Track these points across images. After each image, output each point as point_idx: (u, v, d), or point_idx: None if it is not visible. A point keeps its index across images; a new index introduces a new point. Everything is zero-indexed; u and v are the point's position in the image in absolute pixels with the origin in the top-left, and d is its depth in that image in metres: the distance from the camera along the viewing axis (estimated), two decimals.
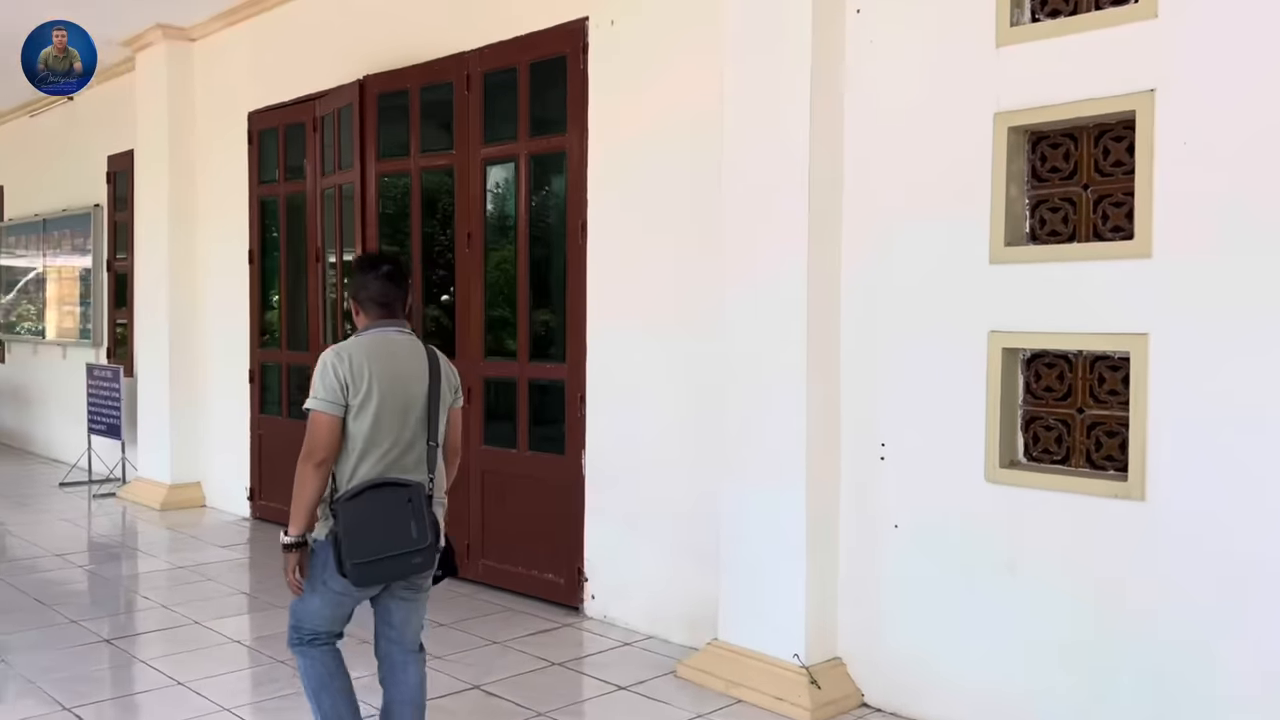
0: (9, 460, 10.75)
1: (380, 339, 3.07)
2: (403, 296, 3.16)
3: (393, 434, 2.98)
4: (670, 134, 4.86)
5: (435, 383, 3.07)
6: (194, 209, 8.26)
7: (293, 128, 7.30)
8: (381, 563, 2.88)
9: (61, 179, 10.63)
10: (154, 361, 8.38)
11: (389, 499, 2.90)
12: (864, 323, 4.11)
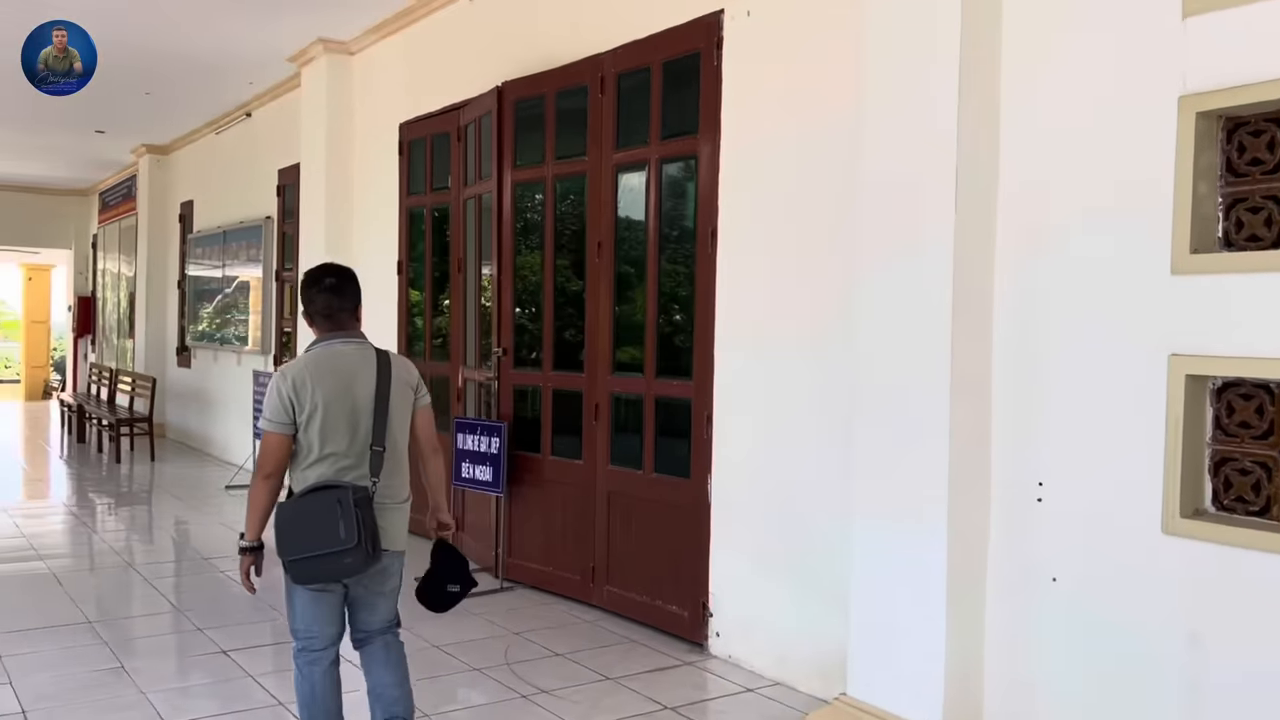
0: (190, 461, 11.31)
1: (326, 353, 3.19)
2: (350, 307, 3.26)
3: (342, 442, 3.10)
4: (807, 134, 4.45)
5: (384, 388, 3.15)
6: (350, 220, 8.39)
7: (439, 137, 7.27)
8: (311, 560, 3.02)
9: (239, 192, 11.13)
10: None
11: (320, 501, 3.02)
12: (1019, 344, 3.57)
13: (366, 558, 3.03)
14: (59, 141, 13.33)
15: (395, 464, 3.22)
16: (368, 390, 3.16)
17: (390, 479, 3.19)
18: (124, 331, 15.57)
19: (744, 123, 4.75)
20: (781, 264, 4.57)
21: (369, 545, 3.01)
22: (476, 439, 6.08)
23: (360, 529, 2.99)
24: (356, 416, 3.13)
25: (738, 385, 4.77)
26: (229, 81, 9.83)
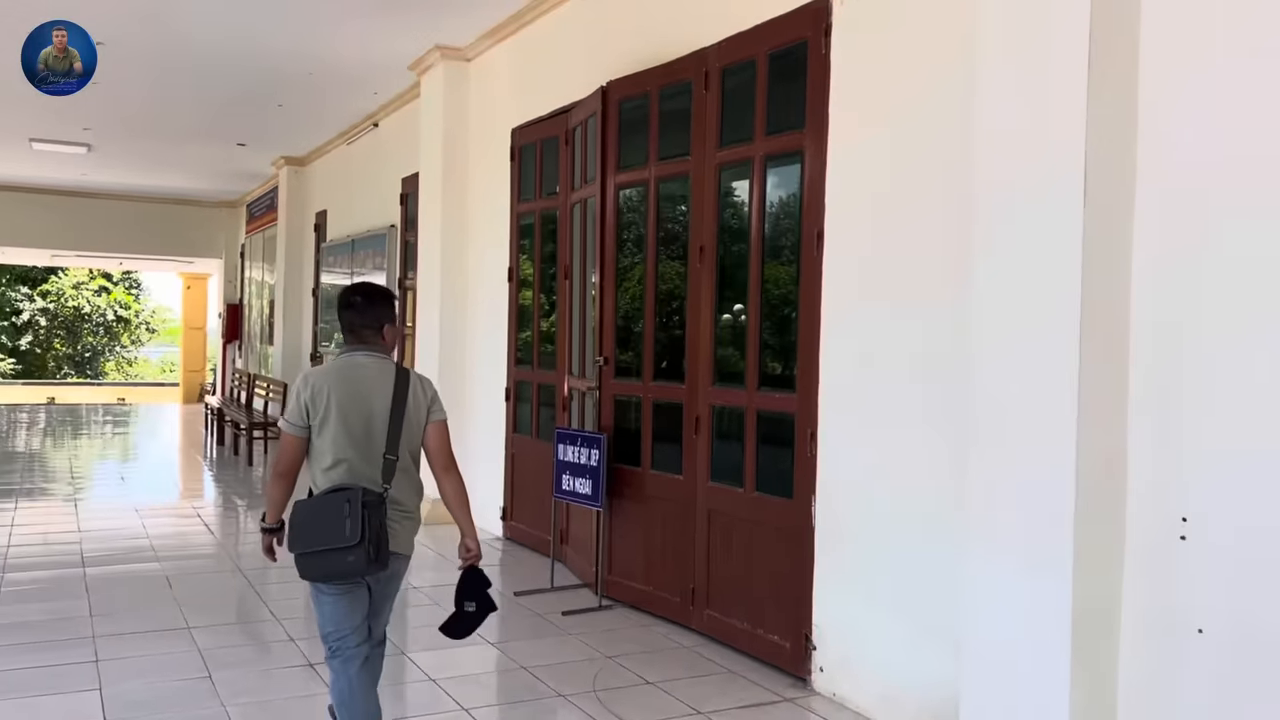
0: None
1: (347, 363, 3.35)
2: (372, 324, 3.38)
3: (354, 448, 3.26)
4: (922, 127, 4.05)
5: (400, 401, 3.29)
6: (465, 228, 8.35)
7: (548, 142, 7.13)
8: (315, 556, 3.16)
9: (367, 202, 11.32)
10: (443, 372, 8.57)
11: (330, 501, 3.17)
12: (1161, 358, 3.10)
13: (369, 558, 3.14)
14: (205, 154, 13.92)
15: (406, 474, 3.37)
16: (384, 402, 3.30)
17: (399, 489, 3.33)
18: (265, 337, 16.16)
19: (853, 115, 4.38)
20: (894, 269, 4.19)
21: (372, 547, 3.13)
22: (576, 451, 5.87)
23: (365, 529, 3.11)
24: (370, 425, 3.28)
25: (845, 400, 4.40)
26: (355, 92, 9.98)
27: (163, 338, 38.59)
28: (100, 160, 14.45)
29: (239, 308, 18.95)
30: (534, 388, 7.30)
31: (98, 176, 16.16)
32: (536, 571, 6.49)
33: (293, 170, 13.91)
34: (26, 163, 15.00)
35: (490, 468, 7.87)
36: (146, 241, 19.04)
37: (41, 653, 4.78)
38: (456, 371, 8.33)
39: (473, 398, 8.26)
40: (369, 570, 3.18)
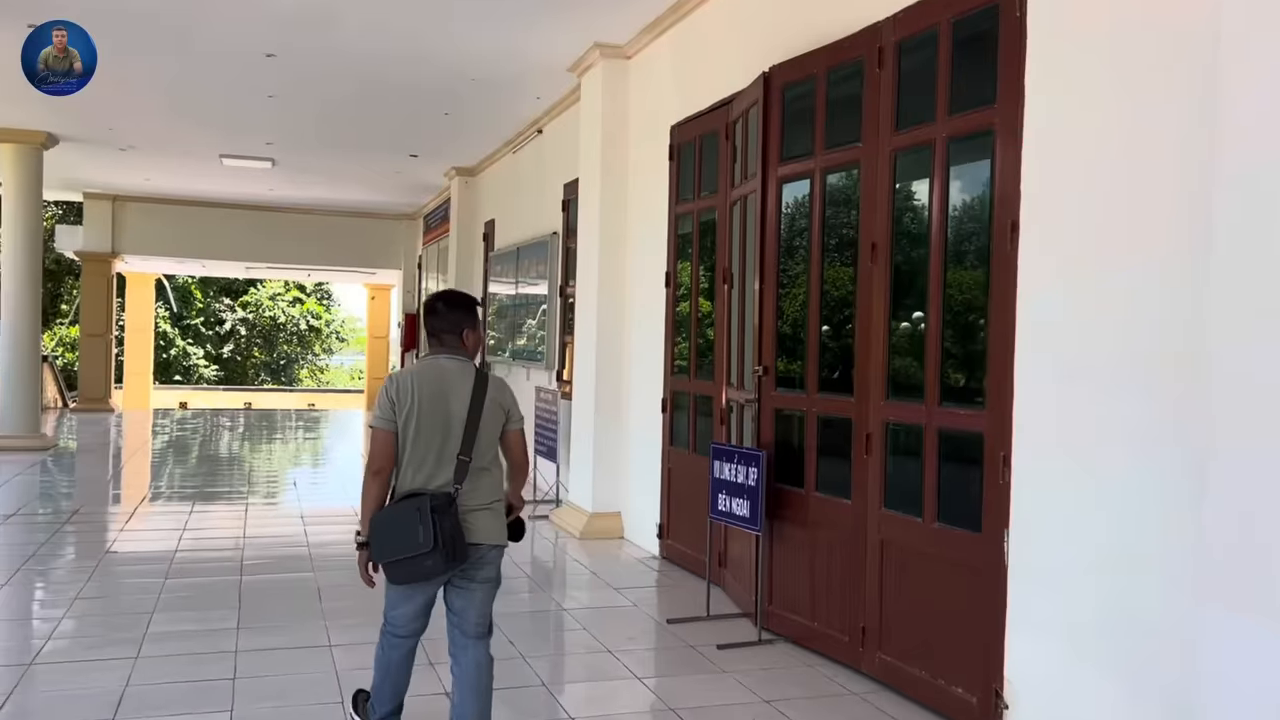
0: None
1: (430, 364, 3.49)
2: (452, 329, 3.52)
3: (433, 448, 3.38)
4: (1140, 97, 3.38)
5: (477, 404, 3.41)
6: (623, 232, 8.02)
7: (707, 138, 6.70)
8: (398, 564, 3.33)
9: (531, 209, 11.20)
10: (584, 386, 8.28)
11: (404, 509, 3.32)
12: None
13: (446, 560, 3.30)
14: (380, 167, 14.23)
15: (481, 473, 3.46)
16: (462, 404, 3.42)
17: (475, 486, 3.43)
18: None
19: (1056, 85, 3.74)
20: (1105, 263, 3.52)
21: (448, 548, 3.28)
22: (734, 468, 5.39)
23: (438, 533, 3.26)
24: (448, 426, 3.40)
25: (1045, 417, 3.75)
26: (517, 97, 9.85)
27: (352, 346, 40.45)
28: (285, 175, 15.03)
29: (416, 317, 19.42)
30: (691, 399, 6.87)
31: (284, 191, 16.87)
32: (692, 596, 6.05)
33: (463, 180, 14.03)
34: (220, 179, 15.79)
35: (647, 482, 7.49)
36: (331, 253, 19.80)
37: (184, 666, 4.69)
38: (614, 381, 8.00)
39: (630, 408, 7.91)
40: (449, 569, 3.36)
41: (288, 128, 11.65)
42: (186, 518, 8.37)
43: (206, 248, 19.06)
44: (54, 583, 6.40)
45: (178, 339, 33.18)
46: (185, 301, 34.10)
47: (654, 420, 7.37)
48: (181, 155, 13.73)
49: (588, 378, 8.16)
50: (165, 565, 6.65)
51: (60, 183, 17.12)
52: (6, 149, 12.29)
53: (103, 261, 18.45)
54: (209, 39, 8.23)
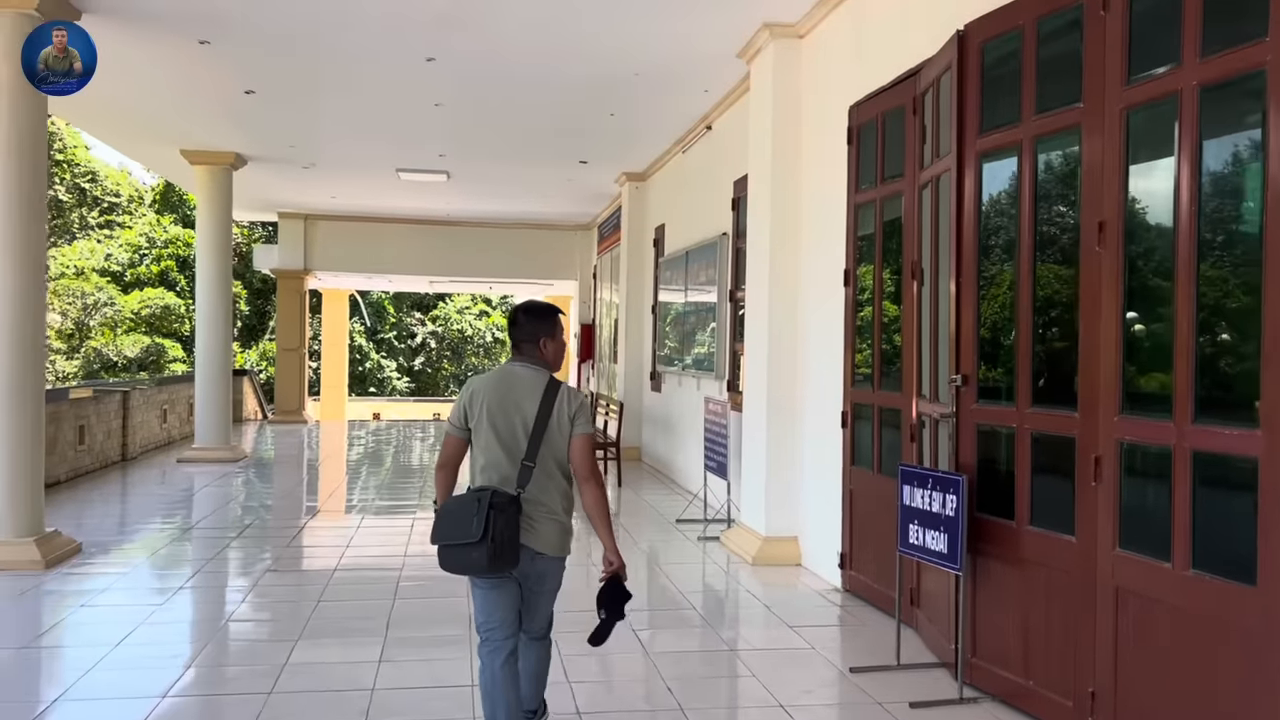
0: (654, 487, 11.01)
1: (505, 372, 3.61)
2: (530, 338, 3.63)
3: (500, 451, 3.50)
4: None
5: (544, 411, 3.51)
6: (796, 228, 7.33)
7: (891, 115, 5.94)
8: (448, 550, 3.41)
9: (700, 211, 10.65)
10: (755, 397, 7.62)
11: (465, 501, 3.42)
12: None
13: (491, 555, 3.33)
14: (551, 175, 14.03)
15: (547, 479, 3.53)
16: (530, 411, 3.51)
17: (541, 493, 3.51)
18: (612, 356, 16.11)
19: None
20: None
21: (496, 545, 3.33)
22: (927, 495, 4.62)
23: (489, 527, 3.32)
24: (517, 432, 3.50)
25: None
26: (685, 90, 9.32)
27: None
28: (460, 187, 15.09)
29: (592, 328, 19.25)
30: (875, 412, 6.10)
31: (461, 204, 17.01)
32: (880, 639, 5.29)
33: (633, 186, 13.64)
34: (400, 194, 16.05)
35: (826, 504, 6.76)
36: (510, 265, 19.92)
37: (313, 708, 4.34)
38: (787, 392, 7.31)
39: (805, 422, 7.20)
40: (493, 566, 3.38)
41: (457, 136, 11.56)
42: (352, 534, 8.26)
43: (392, 262, 19.53)
44: (205, 601, 6.31)
45: (372, 352, 34.56)
46: (379, 316, 35.52)
47: (833, 435, 6.64)
48: (360, 171, 13.96)
49: (759, 388, 7.51)
50: (321, 586, 6.46)
51: (258, 204, 17.92)
52: (200, 171, 12.79)
53: (296, 278, 19.19)
54: (364, 48, 8.10)
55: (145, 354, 24.35)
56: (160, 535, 8.12)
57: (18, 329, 6.76)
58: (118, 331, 25.23)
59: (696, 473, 10.24)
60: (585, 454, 3.57)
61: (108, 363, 24.12)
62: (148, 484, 11.15)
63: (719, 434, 8.46)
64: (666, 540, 8.25)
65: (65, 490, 10.24)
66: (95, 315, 24.18)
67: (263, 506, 9.74)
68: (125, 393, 12.73)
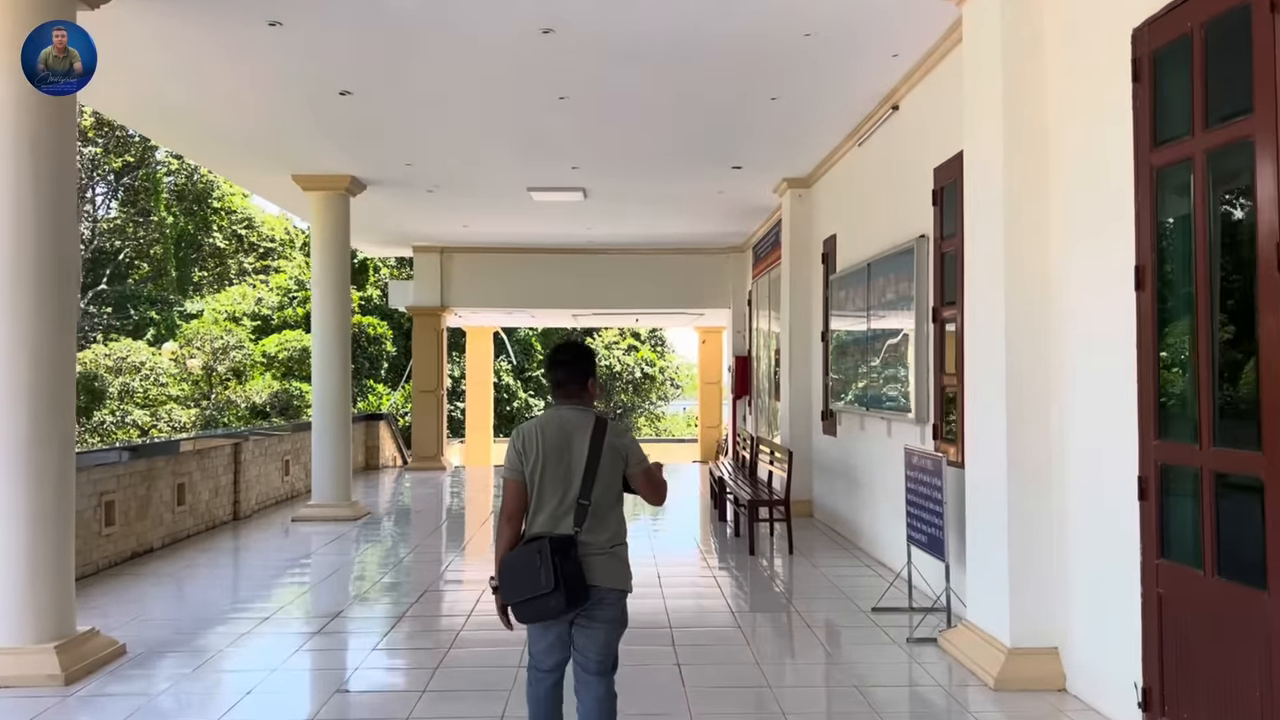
0: (835, 557, 8.95)
1: (554, 416, 3.73)
2: (578, 379, 3.76)
3: (557, 494, 3.63)
4: None
5: (595, 450, 3.63)
6: (1044, 213, 5.27)
7: (1219, 27, 3.87)
8: (524, 604, 3.56)
9: (884, 212, 8.64)
10: (986, 450, 5.55)
11: (526, 553, 3.55)
12: None
13: (568, 599, 3.49)
14: (700, 187, 12.28)
15: (601, 517, 3.63)
16: (581, 451, 3.63)
17: (595, 530, 3.62)
18: (772, 392, 14.15)
19: None
20: None
21: (567, 588, 3.47)
22: None
23: (558, 575, 3.46)
24: (570, 473, 3.62)
25: None
26: (867, 56, 7.38)
27: (686, 393, 39.46)
28: (599, 208, 13.52)
29: (747, 360, 17.33)
30: (1204, 479, 3.96)
31: (602, 229, 15.46)
32: None
33: (796, 195, 11.70)
34: (537, 220, 14.64)
35: (1107, 609, 4.64)
36: (656, 295, 18.25)
37: None
38: (1035, 444, 5.22)
39: (1065, 488, 5.09)
40: (570, 608, 3.51)
41: (590, 141, 9.94)
42: (464, 620, 6.59)
43: (532, 296, 18.16)
44: None
45: (520, 391, 33.56)
46: (526, 354, 34.55)
47: (1119, 510, 4.52)
48: (489, 193, 12.55)
49: (991, 437, 5.44)
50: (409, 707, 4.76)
51: (392, 238, 16.90)
52: (315, 198, 11.61)
53: (433, 315, 18.04)
54: (468, 18, 6.52)
55: (275, 399, 23.71)
56: (225, 632, 6.62)
57: (33, 386, 5.38)
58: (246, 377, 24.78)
59: (891, 541, 8.16)
60: (649, 481, 3.75)
61: (237, 411, 23.64)
62: (251, 550, 9.86)
63: (929, 498, 6.39)
64: (862, 638, 6.23)
65: (155, 561, 9.00)
66: (224, 360, 23.73)
67: (369, 579, 8.22)
68: (237, 443, 11.58)
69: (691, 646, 6.08)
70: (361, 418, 18.07)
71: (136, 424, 22.43)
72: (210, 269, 34.64)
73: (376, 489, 15.21)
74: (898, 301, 8.05)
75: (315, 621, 6.75)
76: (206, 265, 34.89)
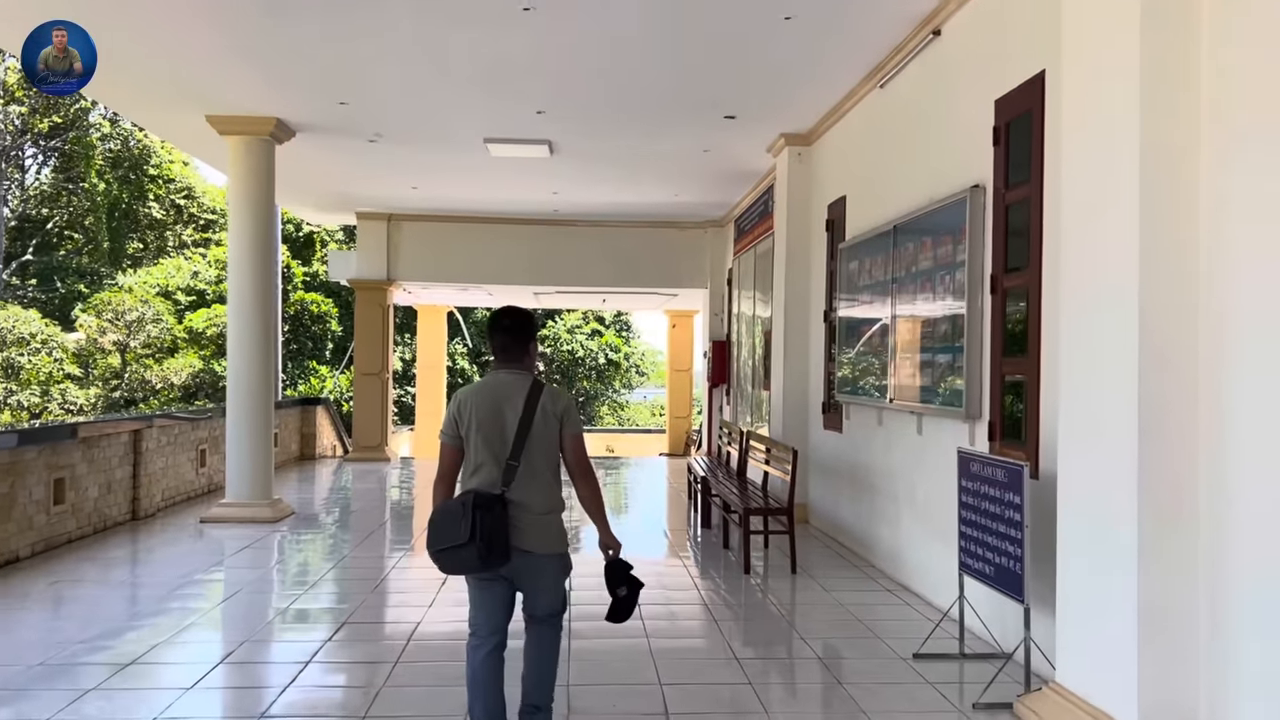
0: (844, 576, 7.48)
1: (492, 380, 3.81)
2: (521, 344, 3.84)
3: (489, 455, 3.69)
4: None
5: (529, 413, 3.69)
6: (1192, 141, 3.79)
7: None
8: (442, 553, 3.61)
9: (919, 162, 7.14)
10: (1095, 460, 4.09)
11: (453, 505, 3.65)
12: None
13: (483, 554, 3.54)
14: (683, 147, 10.72)
15: (532, 479, 3.69)
16: (515, 413, 3.70)
17: (526, 491, 3.68)
18: (759, 381, 12.66)
19: None
20: None
21: (484, 542, 3.53)
22: None
23: (477, 529, 3.52)
24: (504, 434, 3.69)
25: None
26: None
27: (652, 380, 37.98)
28: (567, 168, 11.91)
29: (726, 345, 15.83)
30: None
31: (569, 195, 13.84)
32: None
33: (795, 154, 10.19)
34: (495, 183, 13.01)
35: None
36: (627, 272, 16.65)
37: None
38: (1177, 454, 3.79)
39: (1219, 519, 3.62)
40: (486, 564, 3.57)
41: (558, 75, 8.33)
42: (400, 648, 5.01)
43: (489, 271, 16.48)
44: None
45: (476, 376, 31.84)
46: (483, 336, 32.84)
47: None
48: (440, 143, 10.88)
49: (1109, 444, 3.97)
50: None
51: (331, 201, 15.17)
52: (233, 144, 9.88)
53: (378, 290, 16.31)
54: None
55: (197, 381, 21.61)
56: (63, 689, 5.00)
57: None
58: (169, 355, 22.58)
59: (924, 563, 6.70)
60: (580, 452, 3.81)
61: (168, 395, 21.53)
62: (141, 562, 8.19)
63: (998, 518, 4.92)
64: (909, 700, 4.75)
65: (17, 575, 7.32)
66: (139, 335, 21.65)
67: (277, 604, 6.61)
68: (138, 430, 9.85)
69: (689, 716, 4.56)
70: (296, 402, 16.31)
71: (23, 405, 20.23)
72: (148, 241, 32.48)
73: (309, 482, 13.51)
74: (936, 270, 6.57)
75: (191, 670, 5.14)
76: (145, 237, 32.74)
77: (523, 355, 3.80)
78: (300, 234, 30.33)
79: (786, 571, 7.63)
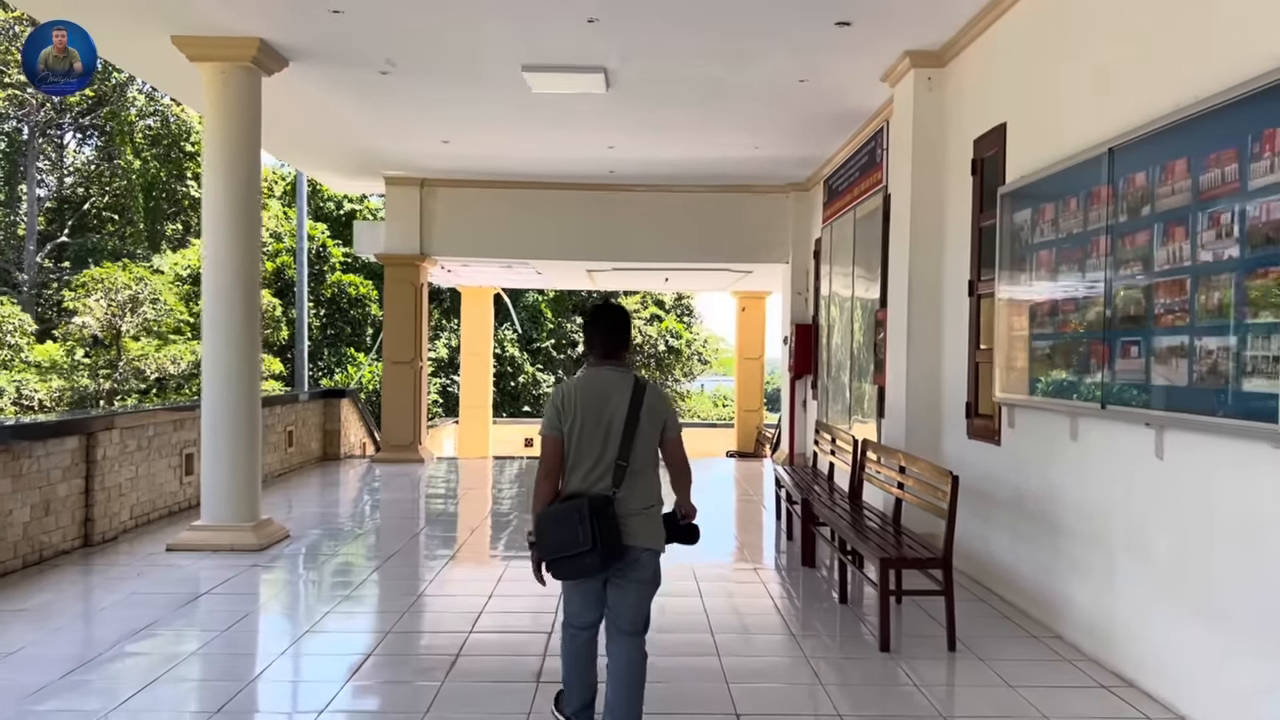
0: (1030, 660, 5.20)
1: (595, 375, 3.77)
2: (623, 341, 3.84)
3: (594, 453, 3.68)
4: None
5: (634, 412, 3.67)
6: None
7: None
8: (560, 561, 3.63)
9: (1158, 50, 4.79)
10: None
11: (566, 510, 3.61)
12: None
13: (604, 558, 3.57)
14: (778, 66, 8.37)
15: (637, 477, 3.68)
16: (621, 412, 3.67)
17: (632, 490, 3.67)
18: (858, 371, 10.34)
19: None
20: None
21: (605, 547, 3.54)
22: None
23: (596, 534, 3.52)
24: (609, 433, 3.66)
25: None
26: None
27: (714, 369, 35.71)
28: (626, 109, 9.69)
29: (811, 329, 13.50)
30: None
31: (628, 148, 11.61)
32: None
33: (924, 77, 7.84)
34: (539, 134, 10.85)
35: None
36: (692, 246, 14.40)
37: None
38: None
39: None
40: (606, 567, 3.61)
41: None
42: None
43: (535, 245, 14.34)
44: None
45: (526, 364, 29.85)
46: (535, 322, 30.84)
47: None
48: (467, 76, 8.73)
49: None
50: None
51: (353, 163, 13.14)
52: (207, 72, 7.82)
53: (409, 266, 14.27)
54: None
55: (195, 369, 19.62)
56: None
57: None
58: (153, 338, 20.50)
59: (1164, 647, 4.38)
60: (681, 454, 3.87)
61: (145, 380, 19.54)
62: (67, 613, 6.18)
63: None
64: None
65: None
66: (132, 317, 19.73)
67: (230, 689, 4.53)
68: (91, 434, 7.86)
69: None
70: (318, 395, 14.33)
71: None
72: (189, 222, 31.00)
73: (323, 490, 11.51)
74: (1196, 207, 4.23)
75: None
76: (186, 218, 31.26)
77: (624, 352, 3.82)
78: (341, 212, 28.56)
79: (940, 646, 5.37)
